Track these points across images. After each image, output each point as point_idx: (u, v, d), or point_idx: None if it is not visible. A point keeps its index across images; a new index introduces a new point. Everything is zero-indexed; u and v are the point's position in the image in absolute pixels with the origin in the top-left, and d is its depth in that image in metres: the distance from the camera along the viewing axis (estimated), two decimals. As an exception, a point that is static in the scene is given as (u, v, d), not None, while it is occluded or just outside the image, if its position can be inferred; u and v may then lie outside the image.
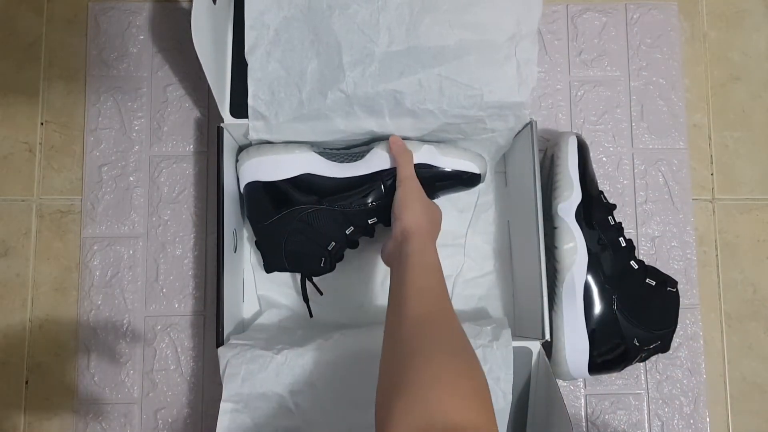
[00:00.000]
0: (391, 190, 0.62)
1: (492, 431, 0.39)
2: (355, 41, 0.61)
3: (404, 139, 0.63)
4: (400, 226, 0.57)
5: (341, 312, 0.68)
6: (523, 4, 0.61)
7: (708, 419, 0.69)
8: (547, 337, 0.60)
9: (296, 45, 0.61)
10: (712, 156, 0.73)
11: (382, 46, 0.61)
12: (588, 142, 0.68)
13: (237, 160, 0.65)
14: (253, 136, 0.62)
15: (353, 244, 0.66)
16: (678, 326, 0.64)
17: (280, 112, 0.61)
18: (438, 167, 0.63)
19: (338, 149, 0.65)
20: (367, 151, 0.63)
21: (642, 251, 0.71)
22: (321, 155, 0.63)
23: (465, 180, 0.65)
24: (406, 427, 0.38)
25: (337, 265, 0.67)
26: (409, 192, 0.59)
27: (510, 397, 0.58)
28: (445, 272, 0.68)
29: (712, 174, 0.73)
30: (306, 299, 0.67)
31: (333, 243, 0.64)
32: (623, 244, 0.64)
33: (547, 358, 0.61)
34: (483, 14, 0.61)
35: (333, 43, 0.61)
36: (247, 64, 0.62)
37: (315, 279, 0.67)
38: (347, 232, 0.63)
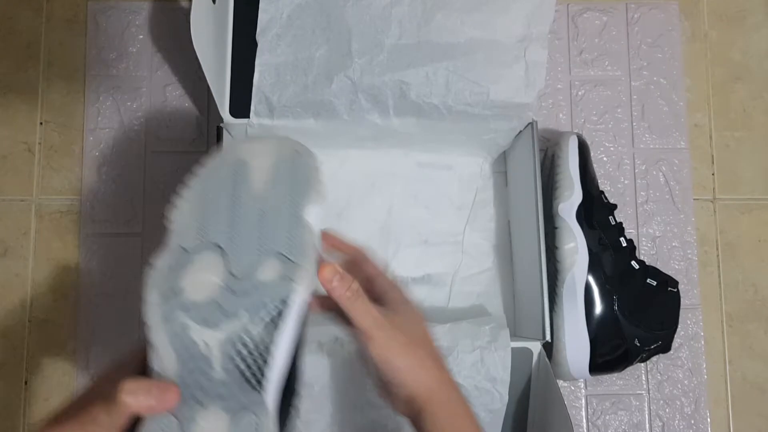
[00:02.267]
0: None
1: None
2: (366, 31, 0.61)
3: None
4: (405, 396, 0.40)
5: None
6: (535, 6, 0.61)
7: (709, 420, 0.69)
8: (548, 337, 0.59)
9: (307, 31, 0.62)
10: (713, 156, 0.73)
11: (393, 38, 0.61)
12: (589, 142, 0.68)
13: None
14: (255, 120, 0.62)
15: None
16: (679, 326, 0.64)
17: (284, 95, 0.61)
18: None
19: None
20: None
21: (643, 251, 0.71)
22: None
23: None
24: None
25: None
26: (390, 339, 0.40)
27: (506, 399, 0.58)
28: (443, 270, 0.69)
29: (713, 174, 0.73)
30: None
31: None
32: (624, 244, 0.64)
33: (547, 359, 0.61)
34: (494, 14, 0.61)
35: (344, 31, 0.61)
36: (246, 65, 0.62)
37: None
38: None
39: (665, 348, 0.64)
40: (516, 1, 0.61)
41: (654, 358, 0.68)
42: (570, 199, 0.63)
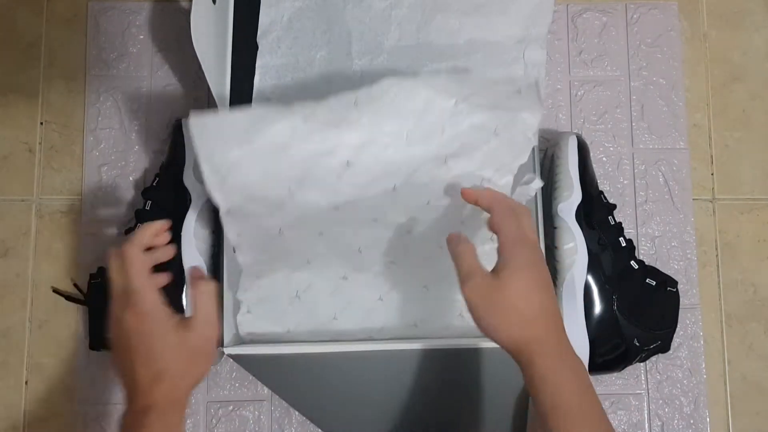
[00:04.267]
0: None
1: None
2: (366, 33, 0.61)
3: None
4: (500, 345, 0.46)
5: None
6: (534, 8, 0.61)
7: (708, 419, 0.69)
8: (547, 337, 0.59)
9: (308, 34, 0.62)
10: (712, 156, 0.73)
11: (392, 40, 0.61)
12: (588, 142, 0.68)
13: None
14: None
15: None
16: (678, 326, 0.64)
17: (284, 97, 0.62)
18: None
19: None
20: None
21: (642, 251, 0.71)
22: None
23: None
24: None
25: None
26: (478, 289, 0.46)
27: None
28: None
29: (712, 174, 0.73)
30: None
31: None
32: (623, 244, 0.64)
33: (547, 359, 0.61)
34: (493, 16, 0.61)
35: (344, 33, 0.61)
36: (246, 66, 0.62)
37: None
38: None
39: (664, 348, 0.64)
40: (515, 3, 0.61)
41: (653, 358, 0.68)
42: (569, 200, 0.63)
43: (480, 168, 0.56)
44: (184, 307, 0.61)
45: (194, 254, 0.61)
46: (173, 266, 0.61)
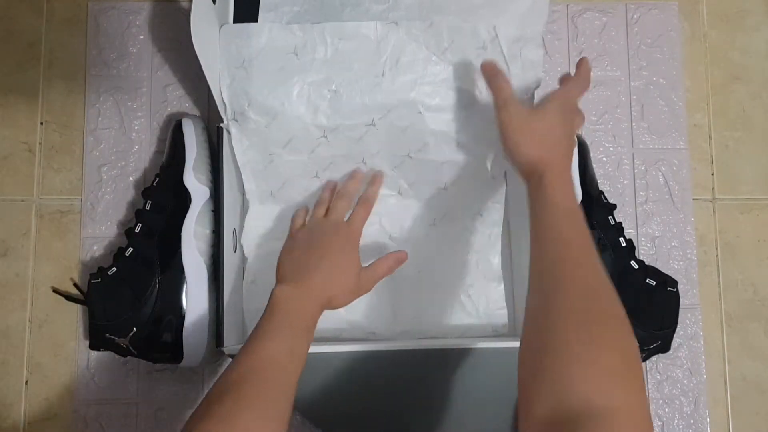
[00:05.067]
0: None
1: (638, 414, 0.36)
2: None
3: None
4: (516, 164, 0.53)
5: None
6: (530, 7, 0.61)
7: (708, 419, 0.69)
8: (547, 337, 0.59)
9: None
10: (712, 156, 0.73)
11: None
12: (588, 142, 0.68)
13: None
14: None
15: None
16: (678, 326, 0.64)
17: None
18: None
19: None
20: None
21: (642, 251, 0.71)
22: None
23: None
24: (541, 411, 0.37)
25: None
26: (513, 115, 0.54)
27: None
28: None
29: (712, 174, 0.73)
30: None
31: None
32: (623, 244, 0.64)
33: (547, 359, 0.61)
34: (490, 16, 0.61)
35: None
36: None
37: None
38: None
39: (664, 348, 0.64)
40: (511, 3, 0.61)
41: (653, 358, 0.68)
42: (569, 199, 0.63)
43: (457, 132, 0.61)
44: (184, 306, 0.61)
45: (194, 254, 0.61)
46: (173, 266, 0.61)
